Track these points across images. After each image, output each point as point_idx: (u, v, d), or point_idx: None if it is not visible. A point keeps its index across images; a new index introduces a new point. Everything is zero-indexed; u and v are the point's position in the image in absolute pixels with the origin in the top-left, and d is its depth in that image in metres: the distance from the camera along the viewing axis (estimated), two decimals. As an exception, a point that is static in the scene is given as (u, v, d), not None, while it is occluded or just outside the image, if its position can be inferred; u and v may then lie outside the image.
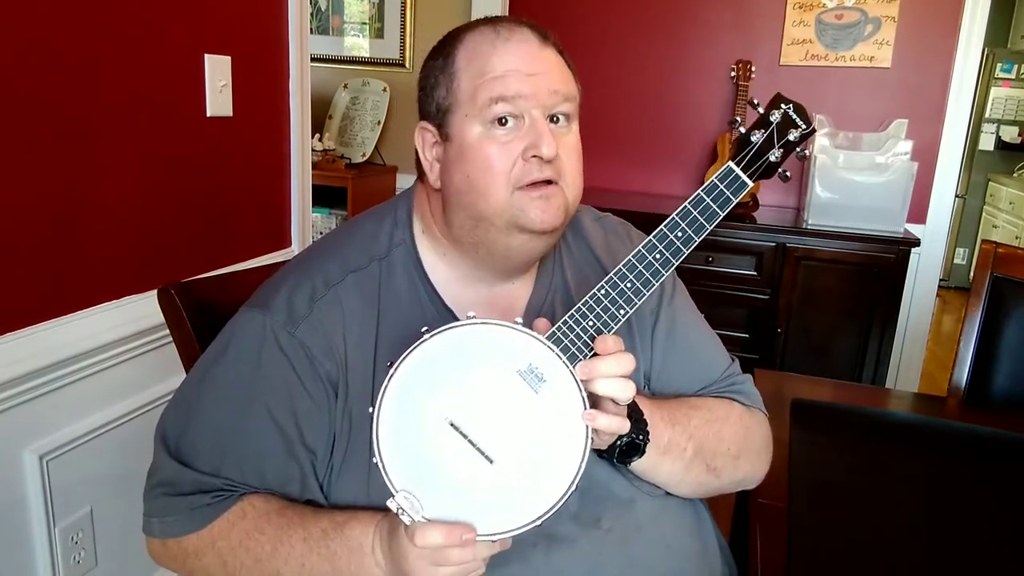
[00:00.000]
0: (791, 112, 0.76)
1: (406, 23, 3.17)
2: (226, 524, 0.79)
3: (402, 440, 0.69)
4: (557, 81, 0.79)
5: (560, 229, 0.82)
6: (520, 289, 0.89)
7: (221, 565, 0.79)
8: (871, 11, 2.80)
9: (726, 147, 2.87)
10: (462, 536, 0.67)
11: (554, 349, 0.70)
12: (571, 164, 0.81)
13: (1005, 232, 4.89)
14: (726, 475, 0.90)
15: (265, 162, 1.82)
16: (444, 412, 0.69)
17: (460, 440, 0.69)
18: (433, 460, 0.69)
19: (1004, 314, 1.49)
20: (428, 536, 0.66)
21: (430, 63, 0.83)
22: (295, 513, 0.79)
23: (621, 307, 0.74)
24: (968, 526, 1.00)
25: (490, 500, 0.69)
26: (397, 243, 0.87)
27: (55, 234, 1.29)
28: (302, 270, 0.85)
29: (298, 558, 0.76)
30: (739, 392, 0.95)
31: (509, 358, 0.70)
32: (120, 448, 1.44)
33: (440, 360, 0.70)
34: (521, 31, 0.79)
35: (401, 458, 0.68)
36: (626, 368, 0.72)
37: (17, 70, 1.19)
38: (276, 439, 0.79)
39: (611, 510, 0.85)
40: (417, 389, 0.69)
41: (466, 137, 0.79)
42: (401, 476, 0.68)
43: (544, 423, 0.70)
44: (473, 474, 0.69)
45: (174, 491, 0.80)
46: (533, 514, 0.68)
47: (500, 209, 0.78)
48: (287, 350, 0.79)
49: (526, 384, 0.70)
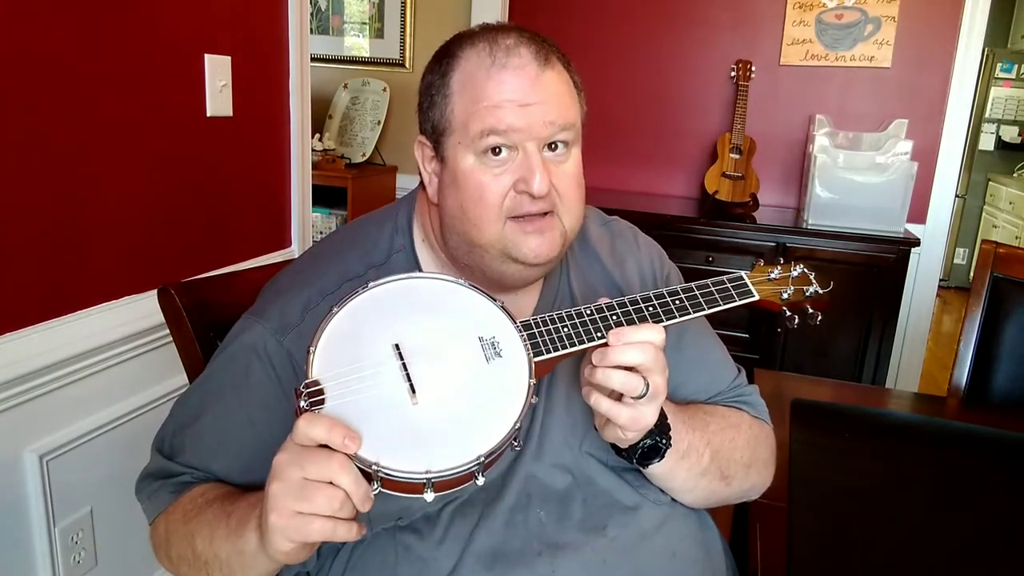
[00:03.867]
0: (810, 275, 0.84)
1: (406, 23, 3.17)
2: (180, 499, 0.80)
3: (343, 341, 0.68)
4: (553, 111, 0.76)
5: (557, 258, 0.81)
6: (525, 299, 0.89)
7: (165, 535, 0.80)
8: (871, 11, 2.80)
9: (726, 147, 2.87)
10: (343, 439, 0.60)
11: (522, 333, 0.72)
12: (569, 192, 0.79)
13: (1005, 232, 4.89)
14: (736, 483, 0.90)
15: (265, 162, 1.82)
16: (395, 334, 0.69)
17: (396, 365, 0.68)
18: (361, 370, 0.67)
19: (1004, 314, 1.48)
20: (310, 426, 0.60)
21: (428, 76, 0.81)
22: (239, 490, 0.79)
23: (599, 331, 0.74)
24: (968, 526, 1.00)
25: (392, 434, 0.65)
26: (397, 249, 0.86)
27: (55, 234, 1.29)
28: (299, 278, 0.85)
29: (208, 519, 0.75)
30: (747, 403, 0.95)
31: (477, 323, 0.72)
32: (120, 448, 1.44)
33: (418, 296, 0.72)
34: (519, 54, 0.76)
35: (332, 357, 0.67)
36: (632, 360, 0.71)
37: (17, 70, 1.19)
38: (252, 446, 0.80)
39: (616, 518, 0.84)
40: (386, 306, 0.70)
41: (459, 164, 0.78)
42: (321, 366, 0.66)
43: (479, 392, 0.69)
44: (391, 401, 0.66)
45: (153, 478, 0.84)
46: (422, 467, 0.62)
47: (492, 240, 0.78)
48: (273, 358, 0.80)
49: (481, 351, 0.70)
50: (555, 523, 0.82)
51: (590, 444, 0.86)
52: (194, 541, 0.75)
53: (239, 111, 1.67)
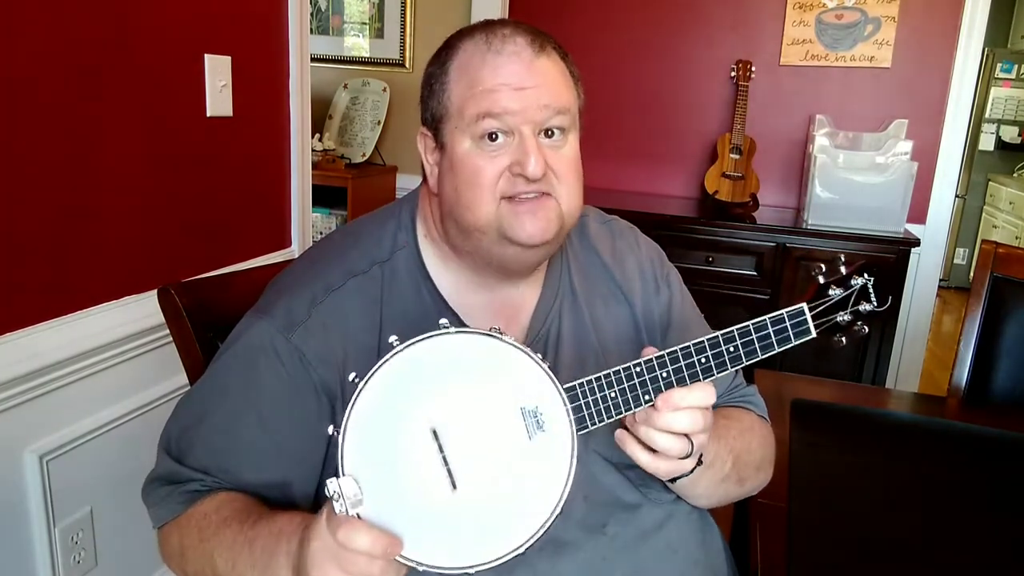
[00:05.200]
0: (871, 286, 0.74)
1: (406, 23, 3.16)
2: (193, 512, 0.79)
3: (375, 425, 0.63)
4: (548, 95, 0.76)
5: (556, 240, 0.80)
6: (527, 294, 0.88)
7: (180, 549, 0.79)
8: (871, 11, 2.80)
9: (726, 147, 2.87)
10: (386, 549, 0.60)
11: (567, 404, 0.66)
12: (566, 176, 0.79)
13: (1005, 232, 4.89)
14: (748, 484, 0.90)
15: (265, 162, 1.82)
16: (431, 416, 0.64)
17: (433, 452, 0.64)
18: (396, 460, 0.63)
19: (1004, 314, 1.49)
20: (353, 536, 0.59)
21: (428, 69, 0.82)
22: (253, 505, 0.78)
23: (648, 393, 0.70)
24: (968, 526, 1.00)
25: (433, 527, 0.63)
26: (400, 246, 0.86)
27: (55, 234, 1.29)
28: (304, 274, 0.85)
29: (228, 542, 0.74)
30: (750, 403, 0.96)
31: (519, 390, 0.66)
32: (120, 448, 1.44)
33: (451, 358, 0.65)
34: (514, 42, 0.77)
35: (365, 442, 0.62)
36: (680, 427, 0.70)
37: (17, 70, 1.19)
38: (263, 445, 0.79)
39: (617, 516, 0.84)
40: (416, 378, 0.64)
41: (456, 149, 0.78)
42: (356, 460, 0.62)
43: (521, 475, 0.65)
44: (430, 493, 0.63)
45: (162, 482, 0.82)
46: (465, 562, 0.62)
47: (488, 222, 0.77)
48: (282, 356, 0.79)
49: (524, 425, 0.65)
50: (556, 521, 0.82)
51: (597, 443, 0.84)
52: (214, 561, 0.75)
53: (239, 111, 1.67)
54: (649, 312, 0.93)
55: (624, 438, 0.73)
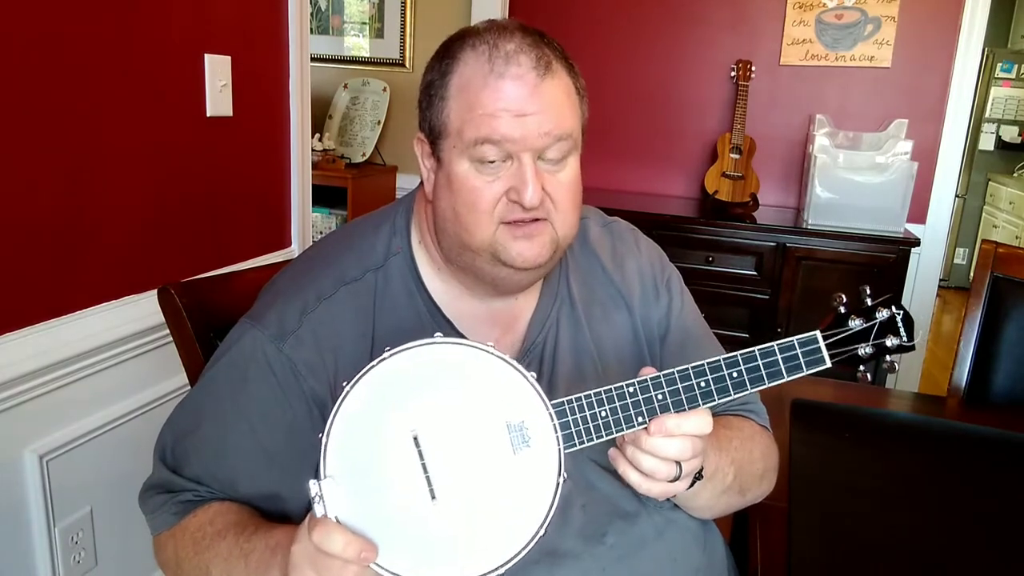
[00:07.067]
0: (899, 320, 0.71)
1: (406, 23, 3.17)
2: (187, 523, 0.79)
3: (358, 430, 0.62)
4: (550, 122, 0.74)
5: (549, 263, 0.80)
6: (524, 302, 0.87)
7: (175, 560, 0.79)
8: (871, 11, 2.80)
9: (726, 147, 2.87)
10: (360, 553, 0.60)
11: (555, 420, 0.65)
12: (563, 203, 0.78)
13: (1005, 232, 4.89)
14: (750, 495, 0.89)
15: (265, 162, 1.82)
16: (413, 425, 0.63)
17: (414, 460, 0.63)
18: (377, 467, 0.63)
19: (1004, 314, 1.49)
20: (328, 537, 0.60)
21: (428, 74, 0.79)
22: (249, 517, 0.78)
23: (642, 414, 0.69)
24: (968, 526, 1.00)
25: (410, 537, 0.62)
26: (394, 252, 0.85)
27: (55, 234, 1.29)
28: (297, 280, 0.84)
29: (224, 554, 0.74)
30: (751, 411, 0.94)
31: (506, 404, 0.65)
32: (120, 448, 1.44)
33: (441, 367, 0.64)
34: (518, 63, 0.73)
35: (348, 446, 0.62)
36: (670, 454, 0.69)
37: (17, 70, 1.19)
38: (255, 455, 0.79)
39: (616, 525, 0.83)
40: (402, 386, 0.63)
41: (453, 168, 0.77)
42: (337, 463, 0.62)
43: (503, 491, 0.64)
44: (408, 502, 0.63)
45: (158, 491, 0.82)
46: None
47: (483, 244, 0.77)
48: (273, 365, 0.79)
49: (508, 439, 0.64)
50: (554, 530, 0.81)
51: (592, 450, 0.84)
52: (210, 573, 0.75)
53: (239, 111, 1.67)
54: (648, 318, 0.92)
55: (616, 457, 0.72)
